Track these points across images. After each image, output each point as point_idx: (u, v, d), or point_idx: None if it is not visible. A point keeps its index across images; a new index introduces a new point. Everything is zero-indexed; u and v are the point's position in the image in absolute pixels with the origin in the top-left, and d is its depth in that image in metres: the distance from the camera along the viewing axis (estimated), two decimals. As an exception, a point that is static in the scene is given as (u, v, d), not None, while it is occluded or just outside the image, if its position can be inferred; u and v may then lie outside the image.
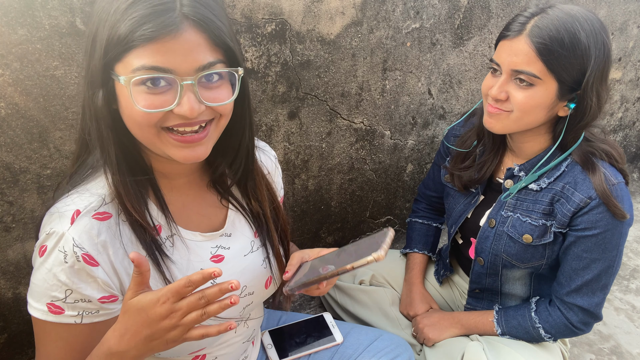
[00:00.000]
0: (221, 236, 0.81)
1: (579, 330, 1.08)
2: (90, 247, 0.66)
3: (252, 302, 0.86)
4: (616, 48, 2.10)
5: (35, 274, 0.67)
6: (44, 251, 0.66)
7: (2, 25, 0.92)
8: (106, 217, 0.69)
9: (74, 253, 0.65)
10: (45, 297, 0.66)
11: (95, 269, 0.66)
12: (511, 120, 0.96)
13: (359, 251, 0.79)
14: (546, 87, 0.91)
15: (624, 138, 2.51)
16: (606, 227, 0.97)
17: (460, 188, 1.19)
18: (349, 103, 1.48)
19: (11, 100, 0.98)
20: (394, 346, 1.06)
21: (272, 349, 1.04)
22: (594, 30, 0.88)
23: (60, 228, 0.66)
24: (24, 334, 1.24)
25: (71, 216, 0.66)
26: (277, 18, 1.23)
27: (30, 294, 0.68)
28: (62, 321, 0.67)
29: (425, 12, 1.48)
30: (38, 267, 0.67)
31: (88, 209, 0.67)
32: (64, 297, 0.66)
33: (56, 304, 0.66)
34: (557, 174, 1.02)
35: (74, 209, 0.67)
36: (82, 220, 0.66)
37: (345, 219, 1.72)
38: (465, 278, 1.33)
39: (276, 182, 0.94)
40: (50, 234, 0.66)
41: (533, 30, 0.89)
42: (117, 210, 0.70)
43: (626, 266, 1.93)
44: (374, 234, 0.84)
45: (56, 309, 0.67)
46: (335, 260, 0.82)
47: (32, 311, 0.68)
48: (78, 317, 0.68)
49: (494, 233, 1.11)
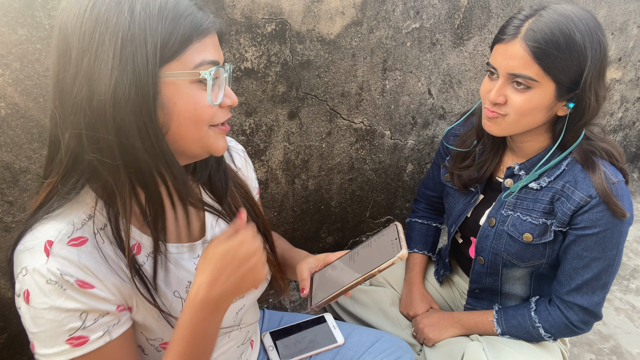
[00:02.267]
0: (203, 244, 0.78)
1: (579, 330, 1.08)
2: (78, 274, 0.60)
3: (244, 305, 0.84)
4: (616, 48, 2.10)
5: (34, 323, 0.59)
6: (28, 295, 0.58)
7: (2, 25, 0.92)
8: (82, 241, 0.62)
9: (66, 281, 0.59)
10: (62, 336, 0.59)
11: (94, 290, 0.61)
12: (509, 123, 0.96)
13: (375, 253, 0.77)
14: (544, 89, 0.91)
15: (624, 138, 2.52)
16: (606, 225, 0.97)
17: (460, 187, 1.19)
18: (349, 103, 1.48)
19: (11, 100, 0.98)
20: (395, 348, 1.06)
21: (273, 350, 1.04)
22: (589, 29, 0.88)
23: (35, 264, 0.58)
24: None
25: (43, 248, 0.59)
26: (277, 18, 1.23)
27: (40, 345, 0.60)
28: (91, 349, 0.61)
29: (425, 12, 1.48)
30: (34, 314, 0.59)
31: (60, 237, 0.60)
32: (82, 324, 0.60)
33: (77, 335, 0.60)
34: (557, 172, 1.02)
35: (44, 240, 0.59)
36: (58, 249, 0.59)
37: (345, 219, 1.72)
38: (465, 278, 1.33)
39: (248, 177, 0.91)
40: (26, 274, 0.58)
41: (528, 34, 0.88)
42: (92, 234, 0.63)
43: (626, 266, 1.93)
44: (381, 233, 0.82)
45: (79, 340, 0.60)
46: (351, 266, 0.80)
47: (54, 359, 0.60)
48: (106, 335, 0.62)
49: (494, 232, 1.11)
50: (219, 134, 0.67)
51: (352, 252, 0.84)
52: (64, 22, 0.57)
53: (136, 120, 0.57)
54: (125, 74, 0.55)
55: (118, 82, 0.55)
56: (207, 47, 0.61)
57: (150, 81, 0.56)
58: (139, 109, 0.56)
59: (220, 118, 0.66)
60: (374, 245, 0.80)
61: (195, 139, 0.64)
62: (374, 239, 0.83)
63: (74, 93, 0.57)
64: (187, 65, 0.59)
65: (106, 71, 0.55)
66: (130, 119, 0.56)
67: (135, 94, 0.56)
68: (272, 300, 1.65)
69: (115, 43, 0.55)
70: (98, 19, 0.55)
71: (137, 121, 0.57)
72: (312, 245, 1.69)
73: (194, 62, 0.60)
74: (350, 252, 0.85)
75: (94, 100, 0.56)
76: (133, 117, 0.56)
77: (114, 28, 0.55)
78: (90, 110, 0.56)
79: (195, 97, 0.61)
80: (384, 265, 0.73)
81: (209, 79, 0.61)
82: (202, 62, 0.60)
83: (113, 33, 0.55)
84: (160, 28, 0.56)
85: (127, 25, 0.55)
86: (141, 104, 0.56)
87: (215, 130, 0.66)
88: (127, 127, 0.57)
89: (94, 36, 0.55)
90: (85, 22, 0.56)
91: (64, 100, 0.58)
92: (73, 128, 0.58)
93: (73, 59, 0.56)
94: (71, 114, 0.57)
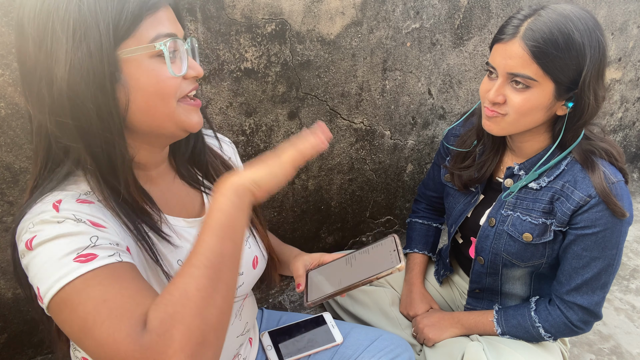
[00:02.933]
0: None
1: (579, 329, 1.08)
2: (90, 217, 0.60)
3: (242, 282, 0.85)
4: (616, 48, 2.10)
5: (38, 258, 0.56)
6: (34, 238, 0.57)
7: (2, 25, 0.92)
8: (89, 202, 0.63)
9: (79, 219, 0.58)
10: (68, 256, 0.55)
11: (106, 230, 0.60)
12: (508, 122, 0.97)
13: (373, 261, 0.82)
14: (543, 88, 0.91)
15: (624, 138, 2.51)
16: (606, 225, 0.97)
17: (460, 187, 1.19)
18: (349, 103, 1.48)
19: (11, 100, 0.98)
20: (394, 346, 1.06)
21: (271, 350, 1.04)
22: (587, 29, 0.88)
23: (47, 213, 0.58)
24: (24, 334, 1.24)
25: (52, 207, 0.59)
26: (277, 18, 1.24)
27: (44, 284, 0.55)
28: (101, 264, 0.56)
29: (425, 12, 1.48)
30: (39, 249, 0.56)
31: (68, 196, 0.61)
32: (91, 243, 0.57)
33: (85, 252, 0.56)
34: (556, 172, 1.02)
35: (52, 201, 0.60)
36: (68, 204, 0.60)
37: (345, 219, 1.72)
38: (465, 278, 1.33)
39: (238, 165, 0.95)
40: (37, 221, 0.58)
41: (526, 33, 0.89)
42: (97, 201, 0.64)
43: (626, 266, 1.93)
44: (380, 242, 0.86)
45: (88, 257, 0.56)
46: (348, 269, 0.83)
47: (61, 282, 0.54)
48: (116, 255, 0.58)
49: (494, 232, 1.11)
50: (190, 109, 0.68)
51: (349, 256, 0.87)
52: (20, 17, 0.60)
53: (94, 100, 0.58)
54: (80, 56, 0.57)
55: (73, 65, 0.57)
56: (162, 21, 0.63)
57: (106, 60, 0.58)
58: (97, 90, 0.58)
59: (186, 89, 0.67)
60: (371, 253, 0.85)
61: (165, 114, 0.65)
62: (371, 247, 0.87)
63: (35, 83, 0.59)
64: (142, 41, 0.61)
65: (61, 56, 0.57)
66: (87, 100, 0.58)
67: (92, 75, 0.58)
68: (271, 301, 1.65)
69: (67, 28, 0.57)
70: (50, 9, 0.57)
71: (94, 101, 0.59)
72: (312, 245, 1.69)
73: (149, 36, 0.61)
74: (347, 256, 0.88)
75: (53, 86, 0.58)
76: (91, 97, 0.58)
77: (64, 14, 0.57)
78: (49, 97, 0.59)
79: (156, 71, 0.62)
80: (382, 274, 0.78)
81: (165, 50, 0.62)
82: (157, 35, 0.62)
83: (64, 19, 0.57)
84: (110, 8, 0.58)
85: (77, 10, 0.57)
86: (98, 84, 0.58)
87: (185, 107, 0.68)
88: (85, 108, 0.59)
89: (47, 26, 0.57)
90: (38, 14, 0.58)
91: (30, 91, 0.61)
92: (38, 114, 0.61)
93: (31, 51, 0.59)
94: (36, 103, 0.60)
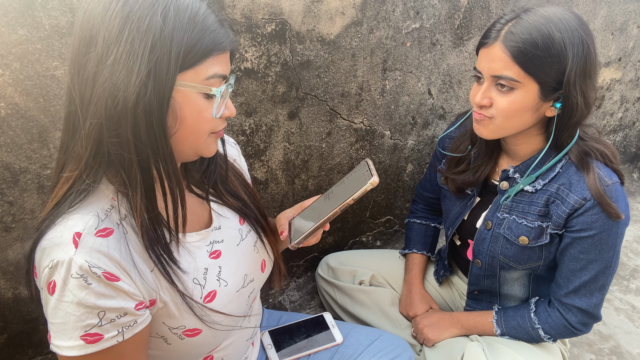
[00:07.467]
0: (213, 231, 0.81)
1: (578, 331, 1.08)
2: (106, 265, 0.61)
3: (254, 289, 0.87)
4: (616, 48, 2.10)
5: (53, 314, 0.61)
6: (54, 287, 0.60)
7: (2, 25, 0.92)
8: (109, 232, 0.64)
9: (94, 273, 0.60)
10: (77, 331, 0.61)
11: (119, 283, 0.62)
12: (497, 125, 0.97)
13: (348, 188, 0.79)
14: (527, 89, 0.92)
15: (624, 138, 2.51)
16: (602, 227, 0.97)
17: (455, 191, 1.20)
18: (349, 103, 1.48)
19: (11, 100, 0.98)
20: (394, 346, 1.06)
21: (271, 349, 1.04)
22: (569, 28, 0.88)
23: (64, 256, 0.59)
24: (24, 334, 1.24)
25: (72, 240, 0.60)
26: (277, 18, 1.24)
27: (55, 336, 0.62)
28: (103, 347, 0.62)
29: (425, 12, 1.48)
30: (55, 305, 0.60)
31: (88, 229, 0.62)
32: (99, 321, 0.61)
33: (92, 332, 0.61)
34: (551, 175, 1.02)
35: (72, 232, 0.61)
36: (87, 240, 0.61)
37: (345, 219, 1.72)
38: (464, 279, 1.33)
39: (242, 166, 0.96)
40: (54, 266, 0.59)
41: (507, 36, 0.90)
42: (116, 224, 0.65)
43: (626, 266, 1.93)
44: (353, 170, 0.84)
45: (94, 337, 0.61)
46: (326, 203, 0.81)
47: (66, 352, 0.61)
48: (119, 335, 0.63)
49: (490, 235, 1.11)
50: (213, 139, 0.71)
51: (327, 192, 0.86)
52: (91, 8, 0.58)
53: (147, 119, 0.59)
54: (149, 76, 0.57)
55: (143, 83, 0.57)
56: (221, 62, 0.65)
57: (168, 86, 0.59)
58: (153, 111, 0.59)
59: (218, 127, 0.69)
60: (346, 182, 0.82)
61: (192, 145, 0.67)
62: (346, 177, 0.84)
63: (96, 84, 0.58)
64: (199, 76, 0.62)
65: (133, 70, 0.57)
66: (142, 118, 0.59)
67: (153, 97, 0.58)
68: (271, 300, 1.65)
69: (145, 45, 0.57)
70: (130, 16, 0.57)
71: (147, 120, 0.59)
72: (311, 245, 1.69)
73: (207, 74, 0.63)
74: (325, 193, 0.86)
75: (118, 95, 0.57)
76: (145, 117, 0.59)
77: (146, 29, 0.57)
78: (112, 105, 0.58)
79: (200, 107, 0.64)
80: (358, 193, 0.74)
81: (219, 96, 0.65)
82: (214, 75, 0.64)
83: (144, 34, 0.57)
84: (186, 39, 0.59)
85: (158, 30, 0.57)
86: (156, 106, 0.59)
87: (212, 138, 0.70)
88: (140, 124, 0.59)
89: (124, 32, 0.56)
90: (115, 15, 0.57)
91: (84, 89, 0.59)
92: (94, 118, 0.59)
93: (99, 50, 0.57)
94: (91, 104, 0.59)
